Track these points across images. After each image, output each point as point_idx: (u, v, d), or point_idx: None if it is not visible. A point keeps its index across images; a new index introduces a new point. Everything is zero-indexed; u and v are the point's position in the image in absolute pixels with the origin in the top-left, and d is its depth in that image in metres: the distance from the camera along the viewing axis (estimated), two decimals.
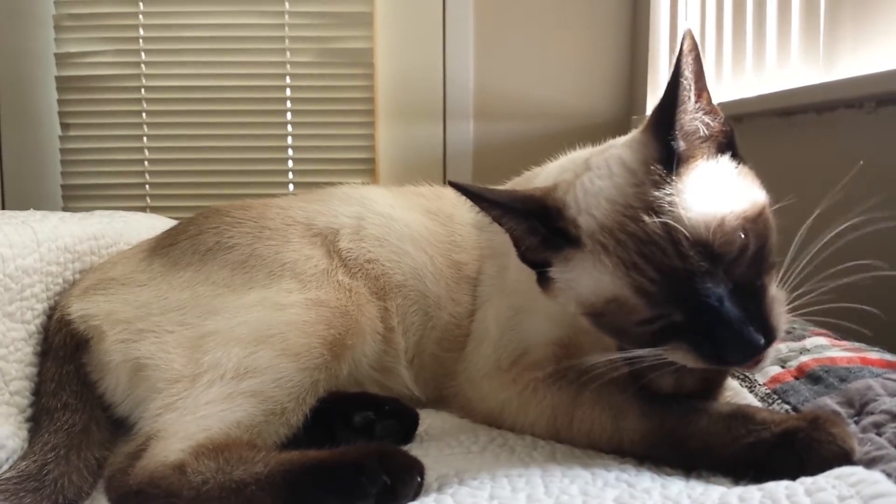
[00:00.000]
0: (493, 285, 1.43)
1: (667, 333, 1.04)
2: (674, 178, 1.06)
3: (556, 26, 3.67)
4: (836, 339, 1.40)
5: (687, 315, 1.01)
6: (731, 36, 2.66)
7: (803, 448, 0.97)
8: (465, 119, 3.64)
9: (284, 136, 3.69)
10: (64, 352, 1.30)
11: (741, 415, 1.06)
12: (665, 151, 1.08)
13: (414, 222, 1.50)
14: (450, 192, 1.63)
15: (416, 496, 1.01)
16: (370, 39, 3.63)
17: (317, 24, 3.66)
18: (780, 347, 1.41)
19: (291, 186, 3.70)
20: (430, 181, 1.68)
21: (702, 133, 1.11)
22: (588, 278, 1.08)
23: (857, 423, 1.06)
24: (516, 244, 1.17)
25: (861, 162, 1.42)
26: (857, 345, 1.35)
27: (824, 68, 2.04)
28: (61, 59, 3.63)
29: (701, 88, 1.10)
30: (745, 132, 2.37)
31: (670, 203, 1.03)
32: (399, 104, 3.67)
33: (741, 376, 1.34)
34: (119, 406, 1.27)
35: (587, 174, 1.14)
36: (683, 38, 1.07)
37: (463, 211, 1.54)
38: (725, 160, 1.12)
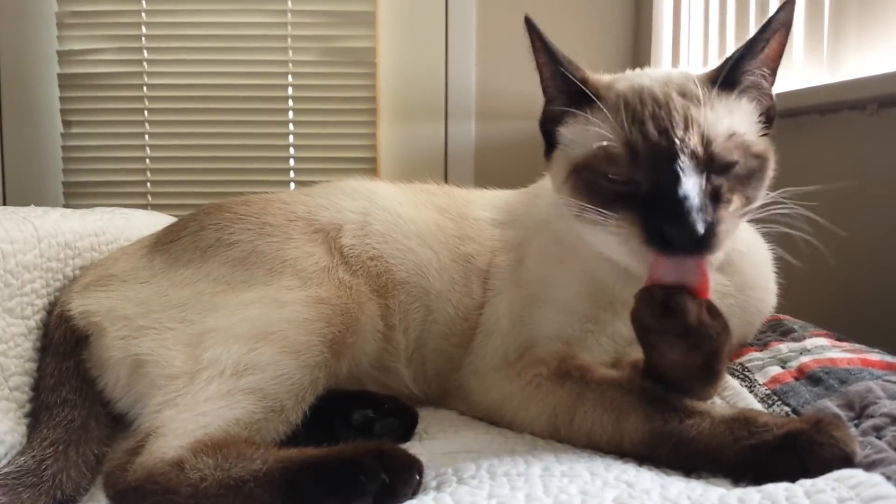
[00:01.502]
0: (505, 278, 1.44)
1: (627, 201, 1.12)
2: (717, 91, 1.18)
3: (558, 27, 3.65)
4: (836, 339, 1.39)
5: (652, 188, 1.09)
6: (734, 37, 2.66)
7: (805, 450, 0.97)
8: (466, 119, 3.63)
9: (286, 135, 3.69)
10: (64, 348, 1.30)
11: (743, 417, 1.05)
12: (720, 74, 1.19)
13: (420, 218, 1.50)
14: (459, 190, 1.63)
15: (414, 494, 1.01)
16: (372, 39, 3.62)
17: (319, 22, 3.65)
18: (780, 347, 1.41)
19: (293, 185, 3.69)
20: (433, 180, 1.68)
21: (754, 85, 1.22)
22: (593, 130, 1.17)
23: (857, 426, 1.06)
24: (547, 99, 1.29)
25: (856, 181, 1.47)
26: (857, 346, 1.35)
27: (828, 70, 2.04)
28: (64, 56, 3.62)
29: (776, 57, 1.23)
30: None
31: (702, 101, 1.15)
32: (401, 103, 3.66)
33: (741, 376, 1.34)
34: (118, 402, 1.27)
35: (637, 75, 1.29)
36: (785, 6, 1.20)
37: (476, 208, 1.54)
38: (760, 118, 1.23)
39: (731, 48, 2.65)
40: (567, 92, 1.25)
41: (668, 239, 1.06)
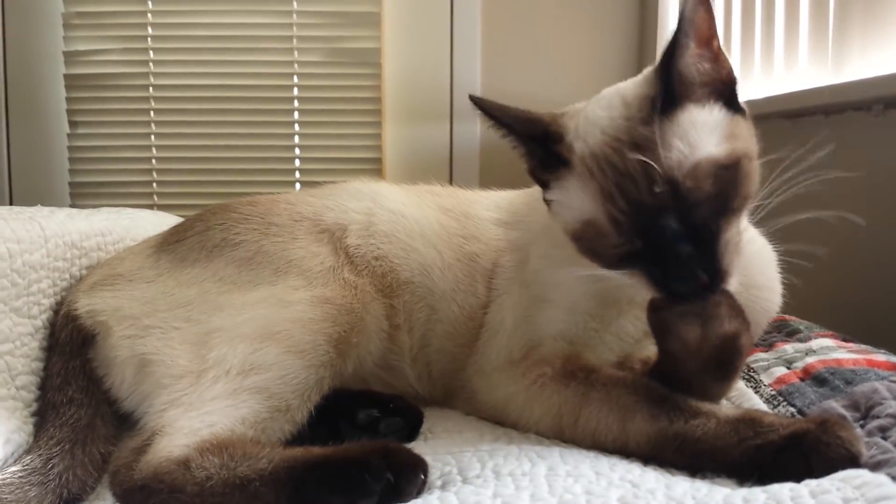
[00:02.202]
0: (510, 278, 1.43)
1: (630, 259, 1.14)
2: (662, 118, 1.12)
3: (563, 27, 3.67)
4: (842, 340, 1.39)
5: (646, 245, 1.11)
6: (739, 37, 2.65)
7: (811, 450, 0.97)
8: (472, 119, 3.63)
9: (291, 136, 3.70)
10: (70, 347, 1.31)
11: (749, 418, 1.05)
12: (661, 90, 1.14)
13: (424, 218, 1.50)
14: (464, 192, 1.64)
15: (419, 494, 1.00)
16: (378, 39, 3.63)
17: (325, 23, 3.66)
18: (785, 348, 1.40)
19: (298, 185, 3.70)
20: (438, 182, 1.68)
21: (697, 79, 1.16)
22: (575, 200, 1.19)
23: (862, 426, 1.06)
24: (525, 160, 1.28)
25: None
26: (863, 346, 1.35)
27: (833, 70, 2.04)
28: (70, 56, 3.64)
29: (708, 36, 1.16)
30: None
31: (652, 141, 1.11)
32: (406, 104, 3.67)
33: (746, 376, 1.34)
34: (124, 401, 1.27)
35: (592, 104, 1.24)
36: None
37: (480, 208, 1.54)
38: (717, 108, 1.16)
39: (735, 48, 2.65)
40: (535, 154, 1.26)
41: (675, 291, 1.10)
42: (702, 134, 1.13)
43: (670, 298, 1.11)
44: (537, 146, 1.24)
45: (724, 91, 1.18)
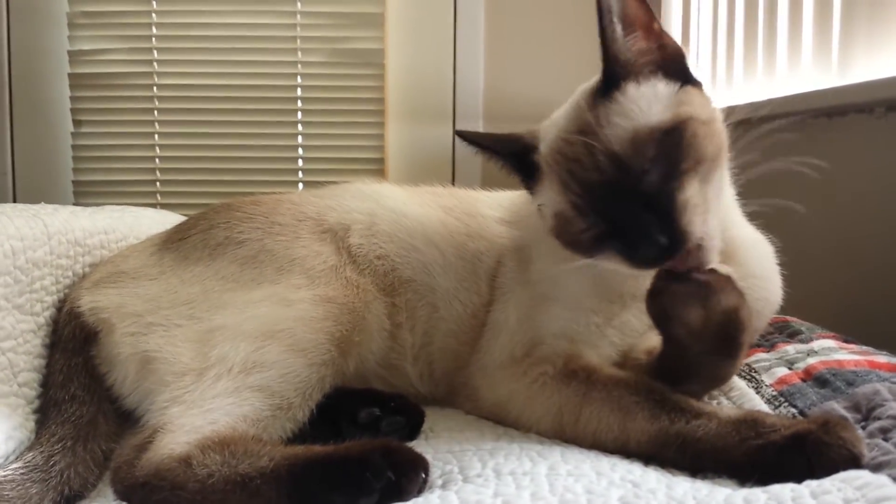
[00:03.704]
0: (514, 278, 1.44)
1: (600, 241, 1.17)
2: (604, 101, 1.18)
3: (566, 28, 3.66)
4: (843, 341, 1.39)
5: (607, 224, 1.15)
6: (742, 39, 2.65)
7: (813, 451, 0.97)
8: (474, 120, 3.63)
9: (294, 136, 3.70)
10: (73, 344, 1.31)
11: (750, 418, 1.05)
12: (603, 77, 1.21)
13: (425, 217, 1.51)
14: (466, 192, 1.65)
15: (420, 492, 1.01)
16: (381, 40, 3.63)
17: (328, 24, 3.66)
18: (787, 349, 1.40)
19: (301, 185, 3.70)
20: (441, 182, 1.69)
21: (636, 59, 1.20)
22: (546, 198, 1.26)
23: (863, 427, 1.06)
24: (515, 176, 1.35)
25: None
26: (864, 348, 1.34)
27: (838, 73, 2.04)
28: (74, 56, 3.64)
29: (644, 20, 1.21)
30: (754, 135, 2.36)
31: (594, 122, 1.17)
32: (409, 105, 3.67)
33: (747, 377, 1.34)
34: (126, 399, 1.27)
35: (559, 109, 1.31)
36: None
37: (483, 207, 1.55)
38: (663, 83, 1.20)
39: (738, 51, 2.65)
40: (516, 169, 1.34)
41: (644, 260, 1.12)
42: (641, 106, 1.17)
43: (637, 265, 1.14)
44: (517, 160, 1.32)
45: (671, 66, 1.22)
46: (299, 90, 3.68)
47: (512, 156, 1.33)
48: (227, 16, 3.65)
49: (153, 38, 3.66)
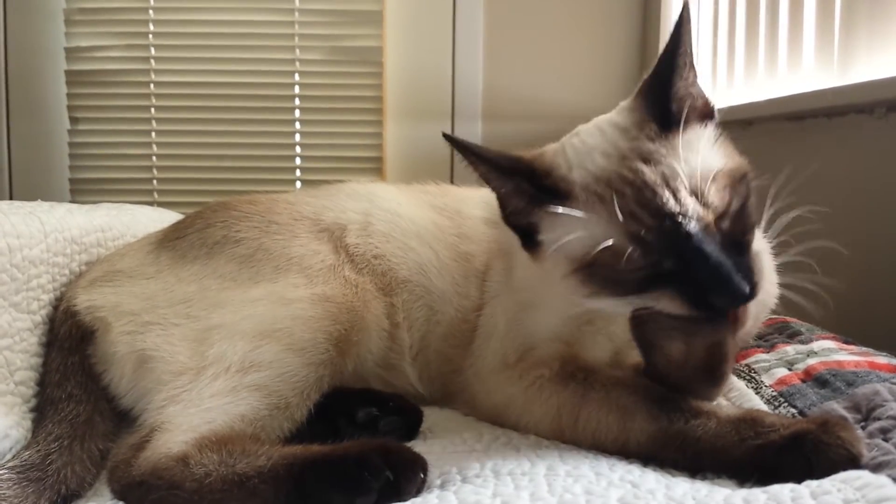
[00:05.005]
0: (500, 282, 1.43)
1: (655, 281, 1.07)
2: (668, 134, 1.13)
3: (566, 27, 3.66)
4: (843, 342, 1.39)
5: (677, 261, 1.05)
6: (744, 38, 2.65)
7: (812, 451, 0.97)
8: (473, 119, 3.63)
9: (292, 134, 3.70)
10: (69, 343, 1.30)
11: (750, 418, 1.05)
12: (658, 112, 1.15)
13: (419, 217, 1.50)
14: (456, 189, 1.64)
15: (419, 492, 1.00)
16: (380, 38, 3.63)
17: (326, 21, 3.66)
18: (787, 350, 1.40)
19: (299, 184, 3.70)
20: (438, 181, 1.68)
21: (691, 101, 1.17)
22: (581, 230, 1.11)
23: (863, 428, 1.06)
24: (502, 206, 1.22)
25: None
26: (864, 349, 1.34)
27: (839, 73, 2.03)
28: (71, 53, 3.63)
29: (692, 62, 1.18)
30: (755, 136, 2.37)
31: (665, 155, 1.10)
32: (407, 103, 3.66)
33: (747, 377, 1.34)
34: (123, 397, 1.27)
35: (575, 137, 1.23)
36: (683, 8, 1.14)
37: (471, 206, 1.54)
38: (710, 128, 1.18)
39: (739, 55, 2.65)
40: (524, 192, 1.18)
41: (718, 307, 1.05)
42: (707, 147, 1.14)
43: (703, 309, 1.05)
44: (526, 182, 1.17)
45: (707, 113, 1.21)
46: (297, 88, 3.68)
47: (516, 175, 1.18)
48: (224, 13, 3.64)
49: (150, 35, 3.65)
